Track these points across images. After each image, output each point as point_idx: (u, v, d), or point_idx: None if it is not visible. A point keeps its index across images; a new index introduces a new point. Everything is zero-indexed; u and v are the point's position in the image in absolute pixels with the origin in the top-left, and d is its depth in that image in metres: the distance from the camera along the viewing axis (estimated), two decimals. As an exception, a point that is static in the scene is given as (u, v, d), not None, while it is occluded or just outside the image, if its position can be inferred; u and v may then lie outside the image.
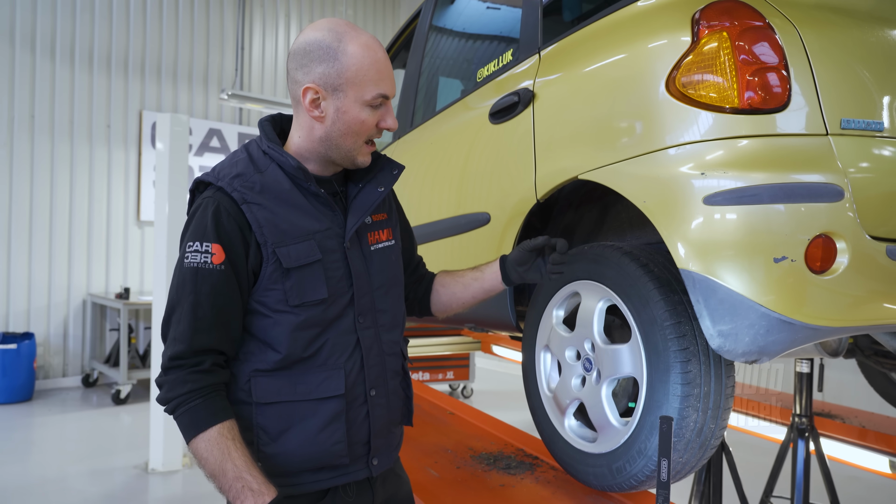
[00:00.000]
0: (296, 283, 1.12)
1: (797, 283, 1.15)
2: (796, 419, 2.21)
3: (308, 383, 1.14)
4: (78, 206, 6.44)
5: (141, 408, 5.60)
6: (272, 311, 1.13)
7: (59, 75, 6.31)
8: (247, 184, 1.13)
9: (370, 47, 1.14)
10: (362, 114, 1.15)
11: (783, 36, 1.23)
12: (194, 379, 1.08)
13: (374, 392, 1.22)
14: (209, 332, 1.09)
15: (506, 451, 2.00)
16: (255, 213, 1.11)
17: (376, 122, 1.17)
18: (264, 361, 1.14)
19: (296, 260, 1.12)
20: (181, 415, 1.08)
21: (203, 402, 1.07)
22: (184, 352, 1.08)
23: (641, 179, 1.30)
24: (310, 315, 1.14)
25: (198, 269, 1.09)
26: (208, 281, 1.09)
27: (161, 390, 1.10)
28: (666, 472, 1.06)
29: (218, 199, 1.11)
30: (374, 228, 1.27)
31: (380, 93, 1.15)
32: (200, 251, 1.09)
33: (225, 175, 1.14)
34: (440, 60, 2.64)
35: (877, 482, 2.92)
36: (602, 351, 1.45)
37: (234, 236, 1.10)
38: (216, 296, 1.09)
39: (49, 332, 6.29)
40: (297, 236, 1.13)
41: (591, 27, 1.56)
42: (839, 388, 4.07)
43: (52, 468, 4.11)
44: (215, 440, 1.05)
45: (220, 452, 1.04)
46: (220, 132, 7.40)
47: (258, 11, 7.68)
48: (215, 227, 1.09)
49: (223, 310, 1.10)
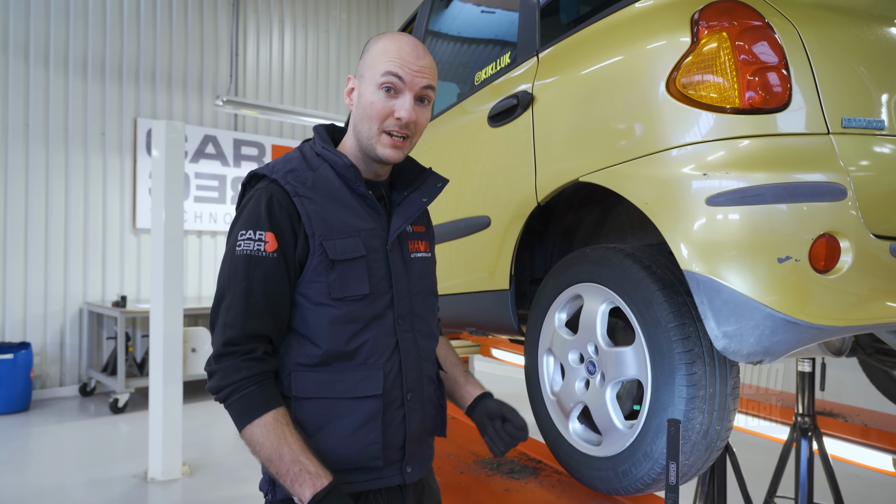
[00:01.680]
0: (339, 276, 1.14)
1: (801, 282, 1.14)
2: (799, 419, 2.20)
3: (347, 381, 1.16)
4: (73, 214, 6.41)
5: (139, 416, 5.57)
6: (314, 304, 1.15)
7: (54, 83, 6.29)
8: (299, 178, 1.17)
9: (399, 39, 1.18)
10: (373, 95, 1.17)
11: (783, 35, 1.23)
12: (248, 366, 1.09)
13: (411, 396, 1.23)
14: (262, 317, 1.11)
15: (509, 456, 1.99)
16: (305, 205, 1.14)
17: (390, 110, 1.17)
18: (304, 356, 1.16)
19: (341, 253, 1.14)
20: (235, 401, 1.09)
21: (257, 389, 1.09)
22: (238, 337, 1.10)
23: (643, 181, 1.30)
24: (350, 309, 1.15)
25: (251, 256, 1.11)
26: (261, 268, 1.11)
27: (212, 378, 1.11)
28: (674, 476, 1.05)
29: (271, 190, 1.15)
30: (414, 238, 1.30)
31: (388, 70, 1.15)
32: (254, 239, 1.12)
33: (279, 169, 1.18)
34: (437, 64, 2.64)
35: (878, 479, 2.91)
36: (606, 354, 1.44)
37: (285, 226, 1.13)
38: (268, 282, 1.11)
39: (46, 342, 6.26)
40: (344, 232, 1.16)
41: (589, 29, 1.56)
42: (838, 387, 4.07)
43: (49, 478, 4.08)
44: (271, 425, 1.07)
45: (276, 437, 1.06)
46: (215, 138, 7.38)
47: (252, 17, 7.67)
48: (269, 216, 1.12)
49: (274, 297, 1.12)
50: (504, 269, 1.82)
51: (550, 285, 1.62)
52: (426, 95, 1.20)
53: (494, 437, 1.34)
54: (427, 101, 1.21)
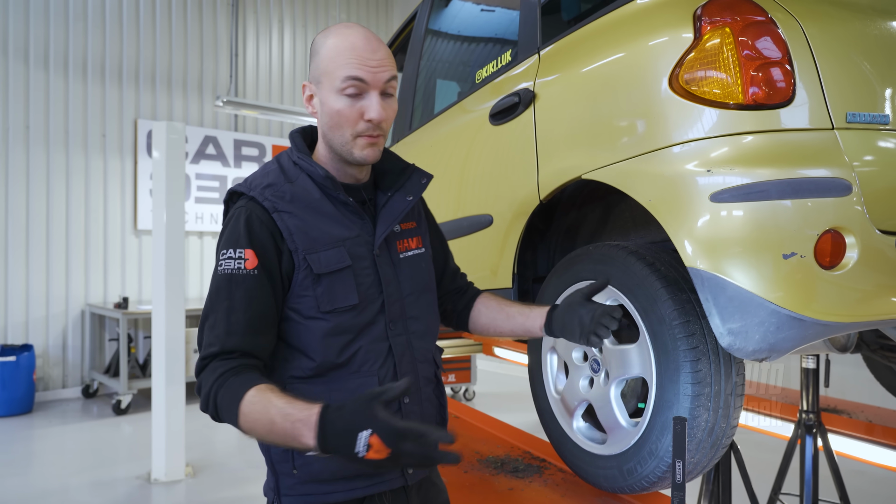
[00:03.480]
0: (326, 289, 1.13)
1: (807, 278, 1.14)
2: (803, 415, 2.19)
3: (343, 390, 1.14)
4: (74, 216, 6.41)
5: (142, 417, 5.58)
6: (304, 317, 1.14)
7: (54, 85, 6.29)
8: (277, 193, 1.14)
9: (349, 35, 1.13)
10: (337, 103, 1.12)
11: (786, 30, 1.22)
12: (223, 364, 1.07)
13: (408, 399, 1.21)
14: (241, 335, 1.09)
15: (512, 455, 1.99)
16: (285, 220, 1.12)
17: (359, 114, 1.13)
18: (299, 368, 1.15)
19: (326, 266, 1.13)
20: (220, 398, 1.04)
21: (235, 378, 1.05)
22: (216, 353, 1.08)
23: (646, 178, 1.29)
24: (341, 321, 1.14)
25: (231, 275, 1.10)
26: (242, 286, 1.10)
27: (200, 395, 1.08)
28: (681, 474, 1.04)
29: (250, 207, 1.13)
30: (404, 237, 1.27)
31: (348, 75, 1.10)
32: (234, 258, 1.10)
33: (256, 185, 1.16)
34: (438, 63, 2.63)
35: (882, 476, 2.91)
36: (610, 352, 1.43)
37: (266, 243, 1.11)
38: (249, 300, 1.09)
39: (48, 344, 6.26)
40: (327, 243, 1.14)
41: (590, 26, 1.55)
42: (841, 383, 4.06)
43: (53, 480, 4.08)
44: (255, 398, 1.00)
45: (262, 406, 0.99)
46: (215, 139, 7.38)
47: (251, 17, 7.66)
48: (248, 234, 1.11)
49: (257, 314, 1.10)
50: (507, 268, 1.82)
51: (554, 283, 1.62)
52: (390, 87, 1.15)
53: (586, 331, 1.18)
54: (391, 91, 1.16)
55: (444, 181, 2.16)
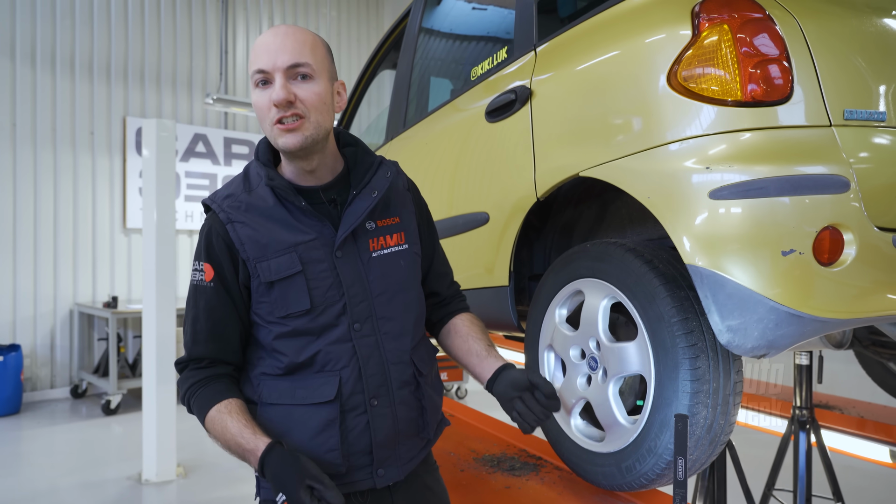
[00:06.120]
0: (279, 296, 1.17)
1: (805, 275, 1.14)
2: (797, 411, 2.21)
3: (306, 388, 1.19)
4: (62, 214, 6.35)
5: (132, 418, 5.53)
6: (265, 321, 1.20)
7: (41, 82, 6.22)
8: (234, 203, 1.20)
9: (265, 33, 1.16)
10: (254, 95, 1.16)
11: (784, 27, 1.22)
12: (194, 374, 1.21)
13: (377, 402, 1.21)
14: (205, 343, 1.21)
15: (509, 453, 1.98)
16: (238, 231, 1.18)
17: (268, 101, 1.12)
18: (270, 366, 1.22)
19: (276, 273, 1.17)
20: (193, 408, 1.20)
21: (203, 390, 1.19)
22: (187, 360, 1.23)
23: (645, 175, 1.29)
24: (297, 325, 1.18)
25: (196, 286, 1.21)
26: (203, 297, 1.20)
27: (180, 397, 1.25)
28: (682, 471, 1.04)
29: (211, 221, 1.21)
30: (379, 234, 1.25)
31: (255, 69, 1.13)
32: (198, 269, 1.20)
33: (219, 196, 1.22)
34: (432, 60, 2.62)
35: (873, 470, 2.93)
36: (608, 349, 1.43)
37: (222, 255, 1.18)
38: (210, 310, 1.19)
39: (36, 344, 6.20)
40: (278, 250, 1.17)
41: (587, 23, 1.54)
42: (832, 379, 4.09)
43: (42, 481, 4.04)
44: (215, 418, 1.15)
45: (220, 428, 1.15)
46: (205, 137, 7.33)
47: (241, 14, 7.61)
48: (206, 247, 1.19)
49: (217, 323, 1.20)
50: (503, 266, 1.81)
51: (551, 281, 1.61)
52: (300, 72, 1.12)
53: (524, 411, 1.20)
54: (307, 77, 1.13)
55: (439, 178, 2.15)
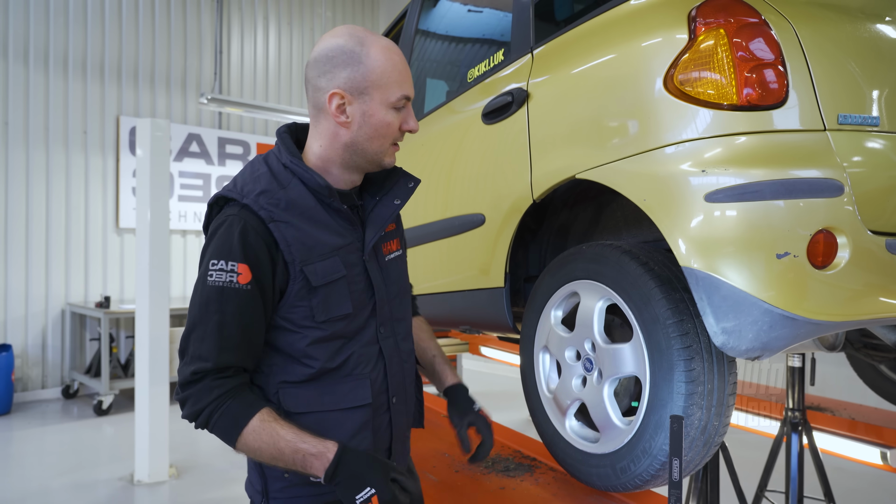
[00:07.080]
0: (322, 300, 1.13)
1: (799, 278, 1.15)
2: (789, 413, 2.22)
3: (335, 394, 1.16)
4: (55, 214, 6.31)
5: (124, 418, 5.50)
6: (298, 326, 1.14)
7: (34, 81, 6.18)
8: (272, 201, 1.11)
9: (392, 50, 1.16)
10: (388, 116, 1.16)
11: (779, 32, 1.23)
12: (220, 384, 1.08)
13: (396, 399, 1.24)
14: (235, 350, 1.09)
15: (503, 454, 1.99)
16: (282, 231, 1.10)
17: (399, 125, 1.18)
18: (292, 374, 1.15)
19: (322, 277, 1.12)
20: (218, 420, 1.08)
21: (235, 401, 1.08)
22: (209, 369, 1.08)
23: (641, 178, 1.30)
24: (335, 329, 1.15)
25: (223, 288, 1.08)
26: (234, 300, 1.08)
27: (185, 406, 1.09)
28: (677, 472, 1.05)
29: (244, 217, 1.10)
30: (387, 239, 1.29)
31: (403, 94, 1.16)
32: (226, 270, 1.08)
33: (249, 191, 1.12)
34: (428, 62, 2.63)
35: (863, 472, 2.95)
36: (603, 351, 1.44)
37: (261, 255, 1.09)
38: (242, 315, 1.08)
39: (27, 343, 6.15)
40: (323, 253, 1.13)
41: (584, 26, 1.55)
42: (824, 381, 4.12)
43: (33, 482, 4.01)
44: (260, 428, 1.07)
45: (269, 437, 1.06)
46: (199, 137, 7.30)
47: (236, 14, 7.59)
48: (242, 247, 1.08)
49: (248, 329, 1.10)
50: (499, 267, 1.82)
51: (546, 282, 1.62)
52: None
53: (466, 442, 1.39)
54: None
55: (435, 180, 2.16)
